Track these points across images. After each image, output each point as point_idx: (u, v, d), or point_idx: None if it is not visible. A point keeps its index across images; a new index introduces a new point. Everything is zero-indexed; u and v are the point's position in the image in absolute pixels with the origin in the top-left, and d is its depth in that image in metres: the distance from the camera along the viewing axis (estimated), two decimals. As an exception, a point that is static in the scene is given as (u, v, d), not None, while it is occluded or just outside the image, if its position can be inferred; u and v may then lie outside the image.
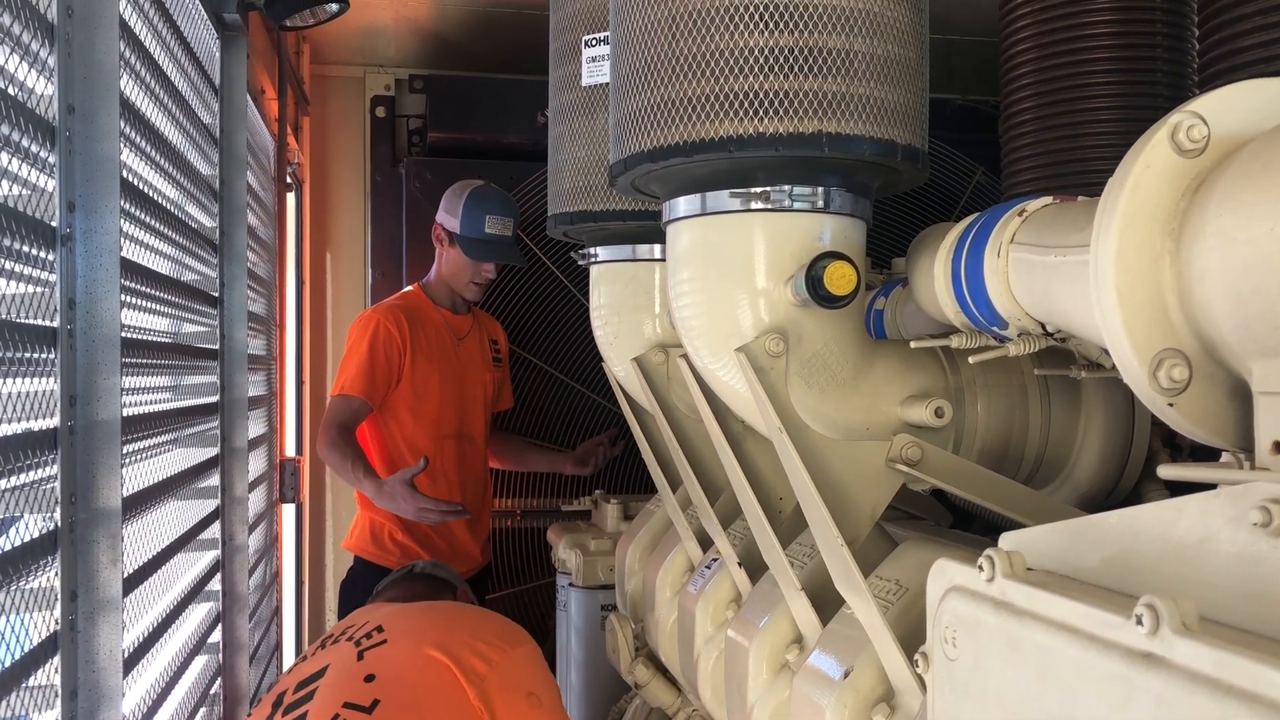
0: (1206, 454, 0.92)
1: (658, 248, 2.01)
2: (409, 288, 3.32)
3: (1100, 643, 0.71)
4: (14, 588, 1.28)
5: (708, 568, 1.89)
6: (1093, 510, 0.91)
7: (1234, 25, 1.70)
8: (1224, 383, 0.86)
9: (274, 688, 1.81)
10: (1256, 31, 1.65)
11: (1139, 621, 0.68)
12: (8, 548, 1.26)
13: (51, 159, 1.40)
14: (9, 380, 1.24)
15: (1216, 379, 0.86)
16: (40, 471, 1.37)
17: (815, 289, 1.28)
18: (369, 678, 1.67)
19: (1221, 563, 0.74)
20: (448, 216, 3.19)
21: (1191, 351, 0.86)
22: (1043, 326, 1.14)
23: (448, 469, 3.19)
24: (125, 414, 1.56)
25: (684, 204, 1.42)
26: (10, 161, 1.29)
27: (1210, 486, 0.78)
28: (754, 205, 1.35)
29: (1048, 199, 1.16)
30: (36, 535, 1.35)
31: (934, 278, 1.28)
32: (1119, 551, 0.83)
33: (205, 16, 2.42)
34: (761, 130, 1.27)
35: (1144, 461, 1.51)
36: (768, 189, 1.34)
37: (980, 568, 0.86)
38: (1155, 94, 2.05)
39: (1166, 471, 0.91)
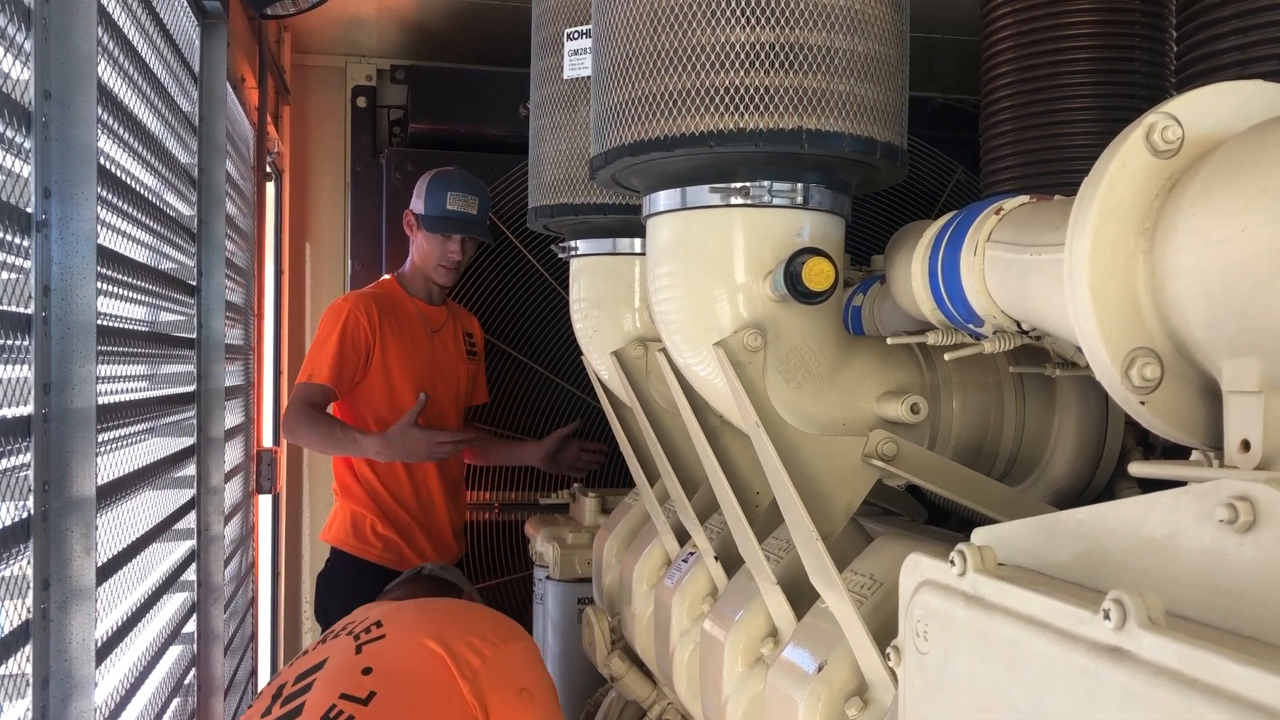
0: (1179, 453, 0.93)
1: (638, 242, 2.01)
2: (385, 277, 3.32)
3: (1068, 637, 0.72)
4: (-14, 576, 1.27)
5: (684, 561, 1.89)
6: (1066, 507, 0.92)
7: (1211, 28, 1.72)
8: (1195, 381, 0.87)
9: (274, 680, 1.83)
10: (1233, 35, 1.67)
11: (1106, 616, 0.68)
12: (-21, 535, 1.25)
13: (27, 145, 1.39)
14: (-18, 367, 1.24)
15: (1188, 378, 0.87)
16: (13, 459, 1.36)
17: (794, 284, 1.29)
18: (366, 670, 1.69)
19: (1189, 559, 0.74)
20: (415, 200, 3.22)
21: (1163, 350, 0.87)
22: (1018, 324, 1.15)
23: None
24: (100, 402, 1.55)
25: (664, 198, 1.42)
26: (-15, 147, 1.28)
27: (1181, 484, 0.79)
28: (734, 200, 1.35)
29: (1024, 197, 1.17)
30: (9, 523, 1.34)
31: (911, 274, 1.28)
32: (1089, 547, 0.84)
33: (185, 3, 2.41)
34: (742, 125, 1.27)
35: (1117, 459, 1.52)
36: (748, 184, 1.34)
37: (952, 562, 0.87)
38: (1133, 95, 2.07)
39: (1138, 469, 0.92)
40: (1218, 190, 0.80)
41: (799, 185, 1.35)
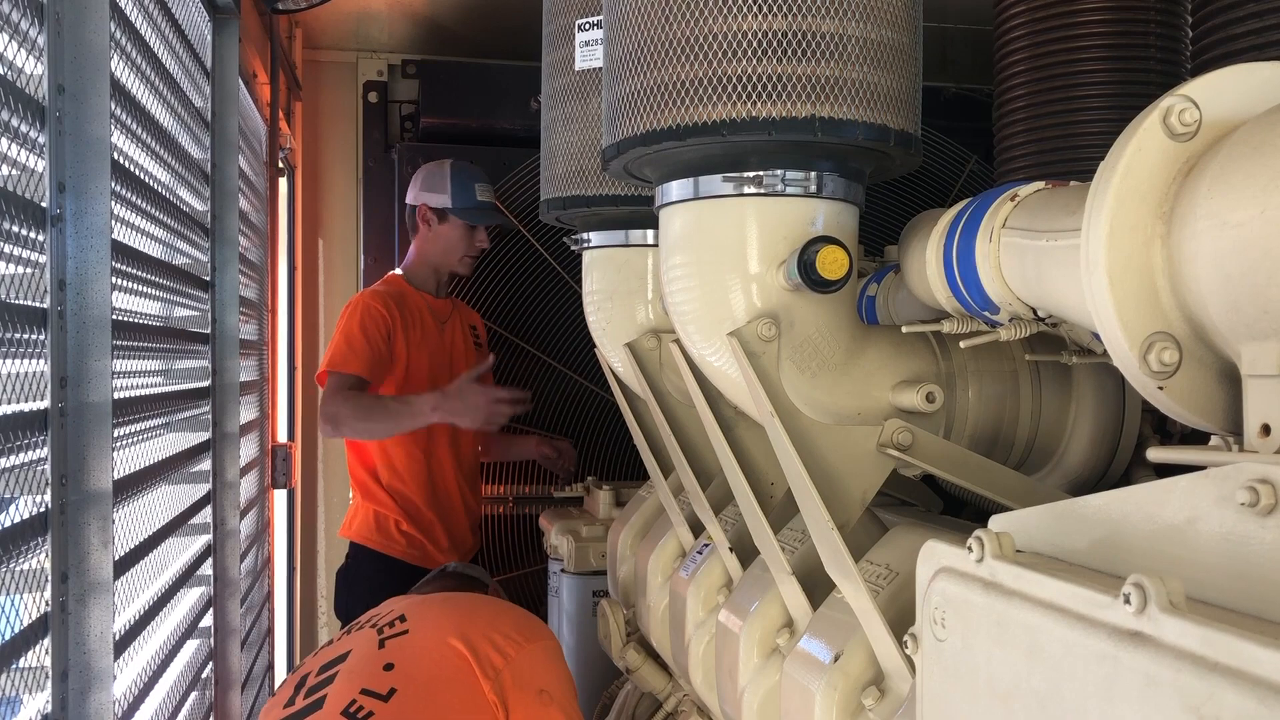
0: (1197, 440, 0.92)
1: (650, 233, 2.01)
2: (393, 273, 3.32)
3: (1088, 622, 0.71)
4: (4, 569, 1.28)
5: (699, 553, 1.89)
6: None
7: (1227, 13, 1.71)
8: (1213, 366, 0.86)
9: (297, 670, 1.83)
10: (1250, 19, 1.65)
11: (1126, 600, 0.68)
12: (-2, 529, 1.26)
13: (41, 139, 1.40)
14: (-1, 361, 1.24)
15: (1206, 362, 0.86)
16: (31, 453, 1.37)
17: (808, 273, 1.28)
18: (388, 666, 1.70)
19: (1209, 543, 0.74)
20: (433, 195, 3.21)
21: (1181, 335, 0.86)
22: (1034, 311, 1.15)
23: (441, 452, 3.19)
24: (116, 397, 1.56)
25: (676, 188, 1.42)
26: None
27: (1199, 471, 0.79)
28: (747, 190, 1.35)
29: (1040, 184, 1.16)
30: (27, 517, 1.35)
31: (926, 262, 1.28)
32: (1107, 533, 0.83)
33: (197, -1, 2.41)
34: (754, 114, 1.26)
35: (1134, 447, 1.52)
36: (760, 173, 1.34)
37: (970, 549, 0.86)
38: (1148, 81, 2.05)
39: (1156, 455, 0.91)
40: (1236, 173, 0.79)
41: (812, 174, 1.34)
